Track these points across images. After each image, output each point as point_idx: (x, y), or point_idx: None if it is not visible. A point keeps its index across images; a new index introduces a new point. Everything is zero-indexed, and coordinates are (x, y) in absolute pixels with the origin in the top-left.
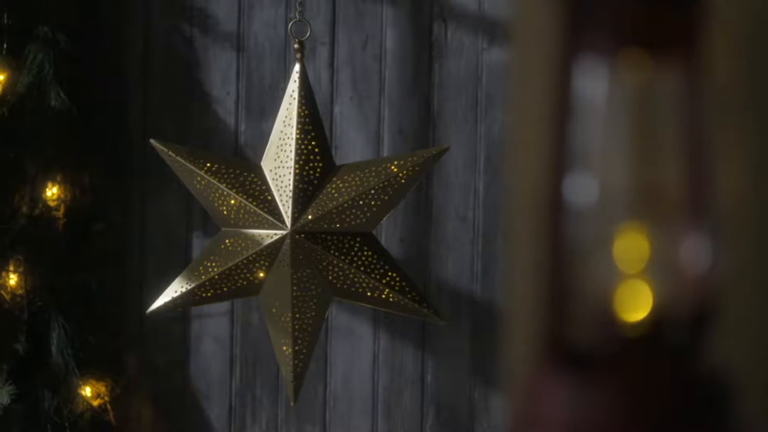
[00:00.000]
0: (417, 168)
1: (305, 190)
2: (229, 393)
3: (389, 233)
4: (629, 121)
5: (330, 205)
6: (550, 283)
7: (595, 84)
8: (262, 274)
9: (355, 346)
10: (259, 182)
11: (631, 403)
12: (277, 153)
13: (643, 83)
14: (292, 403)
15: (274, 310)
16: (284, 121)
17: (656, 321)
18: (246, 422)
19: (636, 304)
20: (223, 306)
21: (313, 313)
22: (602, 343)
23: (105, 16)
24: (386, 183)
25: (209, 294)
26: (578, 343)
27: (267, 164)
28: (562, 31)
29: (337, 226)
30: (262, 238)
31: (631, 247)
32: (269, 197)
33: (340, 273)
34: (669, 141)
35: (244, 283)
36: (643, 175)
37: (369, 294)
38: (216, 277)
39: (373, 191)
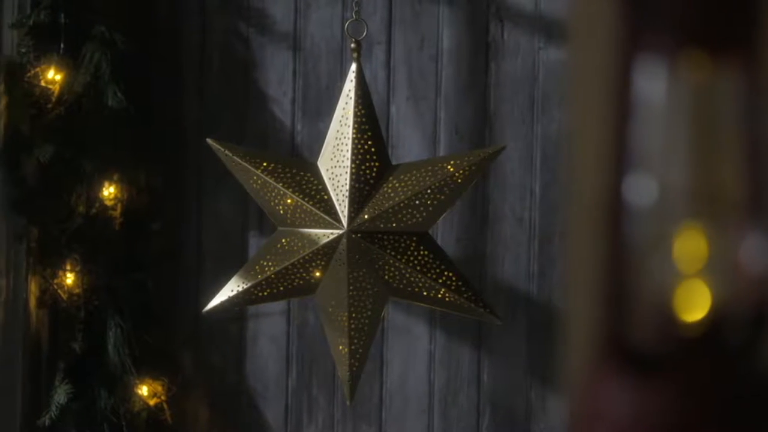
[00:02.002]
0: (473, 168)
1: (361, 190)
2: (285, 392)
3: (445, 233)
4: (689, 121)
5: (386, 204)
6: (609, 283)
7: (654, 84)
8: (318, 274)
9: (411, 346)
10: (316, 182)
11: (689, 403)
12: (333, 152)
13: (703, 83)
14: (348, 403)
15: (330, 310)
16: (341, 121)
17: (714, 321)
18: (302, 421)
19: (694, 304)
20: (279, 305)
21: (370, 313)
22: (660, 343)
23: (161, 15)
24: (442, 183)
25: (265, 293)
26: (636, 342)
27: (323, 164)
28: (621, 30)
29: (394, 225)
30: (319, 238)
31: (690, 247)
32: (326, 197)
33: (397, 272)
34: (728, 141)
35: (301, 282)
36: (702, 174)
37: (425, 293)
38: (272, 276)
39: (429, 191)
